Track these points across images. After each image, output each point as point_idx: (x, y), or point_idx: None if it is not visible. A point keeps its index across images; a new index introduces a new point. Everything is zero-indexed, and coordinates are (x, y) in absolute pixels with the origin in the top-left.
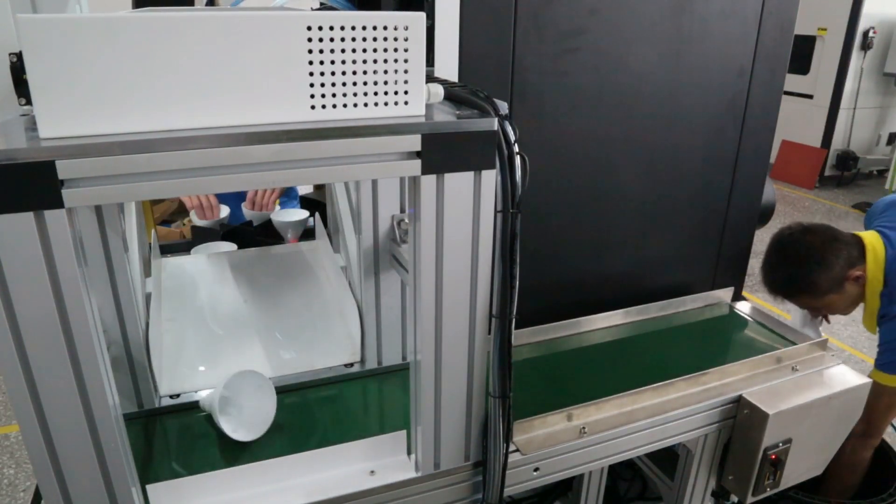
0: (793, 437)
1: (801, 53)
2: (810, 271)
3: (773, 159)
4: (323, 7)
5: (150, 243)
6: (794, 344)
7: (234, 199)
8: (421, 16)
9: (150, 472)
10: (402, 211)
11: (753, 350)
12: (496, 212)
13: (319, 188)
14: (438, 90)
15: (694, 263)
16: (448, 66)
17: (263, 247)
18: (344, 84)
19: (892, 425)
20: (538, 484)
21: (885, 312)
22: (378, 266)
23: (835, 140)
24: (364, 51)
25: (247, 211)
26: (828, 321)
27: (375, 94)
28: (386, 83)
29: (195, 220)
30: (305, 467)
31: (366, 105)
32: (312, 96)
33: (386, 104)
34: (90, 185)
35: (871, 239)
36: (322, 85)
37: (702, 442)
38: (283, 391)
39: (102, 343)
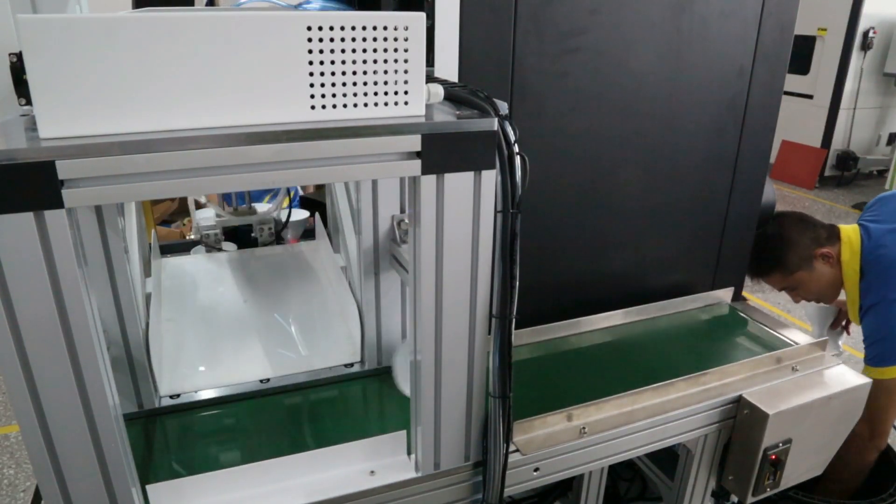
0: (793, 437)
1: (801, 53)
2: (777, 248)
3: (773, 159)
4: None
5: (150, 243)
6: (794, 344)
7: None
8: (421, 16)
9: (150, 472)
10: (402, 211)
11: (753, 350)
12: (496, 212)
13: (319, 188)
14: (438, 90)
15: (694, 263)
16: (448, 67)
17: (263, 247)
18: (344, 84)
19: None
20: (538, 484)
21: (863, 304)
22: (378, 266)
23: (835, 140)
24: (364, 51)
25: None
26: (848, 332)
27: (375, 94)
28: (386, 83)
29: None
30: (305, 467)
31: (366, 105)
32: (312, 96)
33: (386, 104)
34: (90, 185)
35: (849, 230)
36: (322, 85)
37: (702, 442)
38: (283, 391)
39: (102, 343)
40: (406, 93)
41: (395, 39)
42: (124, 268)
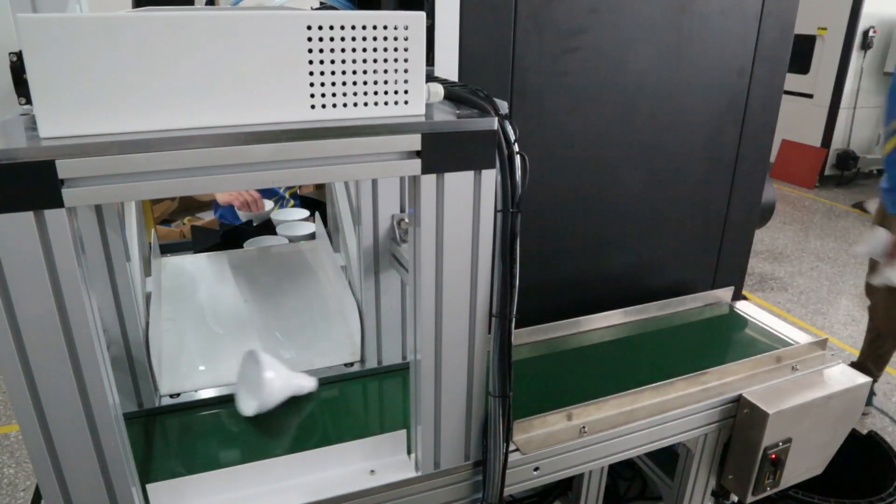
0: (793, 436)
1: (801, 53)
2: None
3: (773, 159)
4: (323, 7)
5: (150, 243)
6: (794, 343)
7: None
8: (421, 15)
9: (150, 471)
10: (402, 210)
11: (753, 350)
12: (496, 211)
13: (319, 187)
14: (438, 89)
15: (694, 263)
16: (448, 66)
17: (263, 247)
18: (344, 84)
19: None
20: (538, 483)
21: None
22: (378, 266)
23: (835, 139)
24: (364, 50)
25: (243, 213)
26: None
27: (375, 93)
28: (386, 83)
29: (241, 216)
30: (305, 467)
31: (366, 105)
32: (312, 96)
33: (386, 104)
34: (90, 184)
35: None
36: (322, 84)
37: (702, 441)
38: None
39: (102, 343)
40: (406, 92)
41: (395, 39)
42: (124, 268)
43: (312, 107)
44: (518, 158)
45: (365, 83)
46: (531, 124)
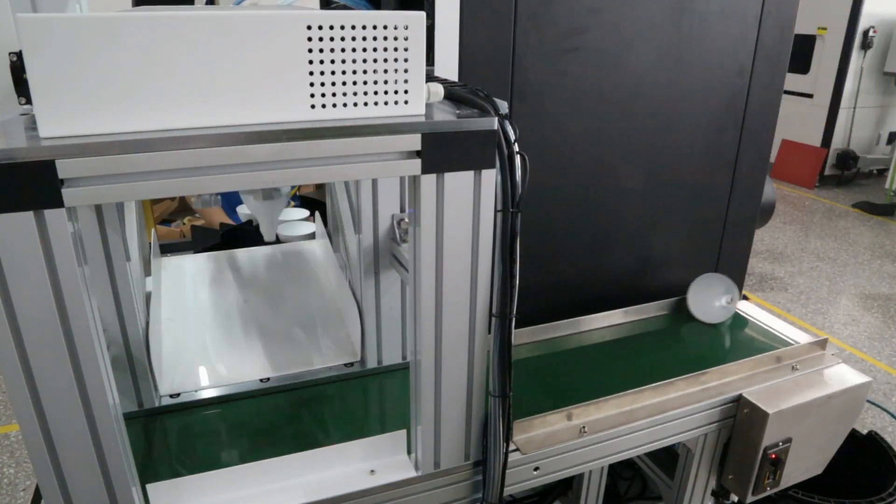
0: (793, 436)
1: (801, 53)
2: None
3: (773, 159)
4: (330, 6)
5: (150, 243)
6: (794, 343)
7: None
8: (421, 15)
9: (150, 471)
10: (402, 210)
11: (753, 349)
12: (496, 211)
13: (320, 187)
14: (438, 89)
15: (694, 263)
16: (448, 66)
17: (263, 247)
18: (344, 83)
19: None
20: (538, 483)
21: None
22: (378, 266)
23: (835, 139)
24: (364, 50)
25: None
26: None
27: (375, 93)
28: (386, 82)
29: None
30: (305, 467)
31: (366, 104)
32: (312, 95)
33: (386, 103)
34: (90, 184)
35: None
36: (322, 84)
37: (702, 441)
38: (283, 391)
39: (102, 343)
40: (406, 92)
41: (395, 38)
42: (124, 268)
43: (312, 107)
44: (518, 158)
45: (365, 83)
46: (531, 124)
